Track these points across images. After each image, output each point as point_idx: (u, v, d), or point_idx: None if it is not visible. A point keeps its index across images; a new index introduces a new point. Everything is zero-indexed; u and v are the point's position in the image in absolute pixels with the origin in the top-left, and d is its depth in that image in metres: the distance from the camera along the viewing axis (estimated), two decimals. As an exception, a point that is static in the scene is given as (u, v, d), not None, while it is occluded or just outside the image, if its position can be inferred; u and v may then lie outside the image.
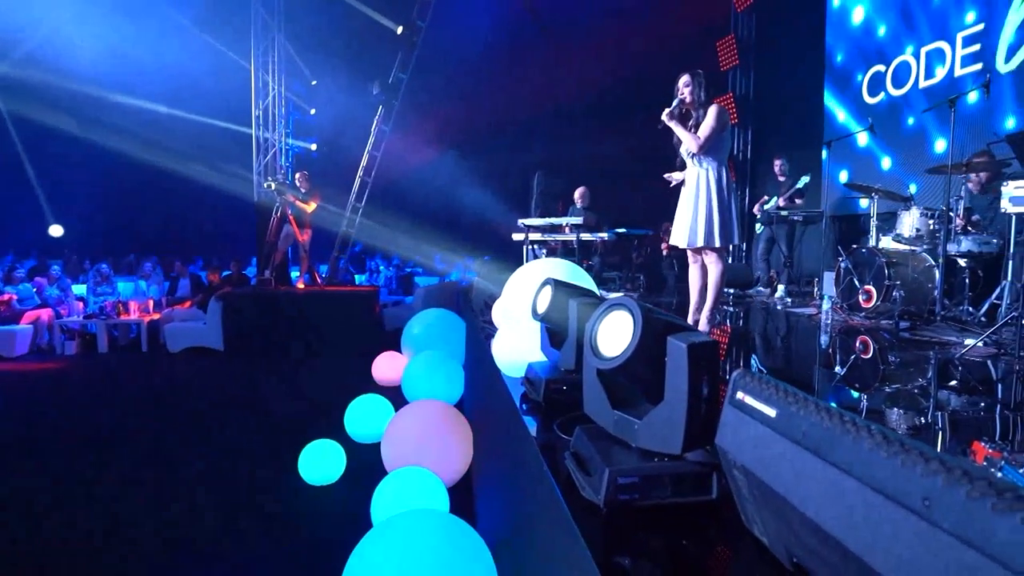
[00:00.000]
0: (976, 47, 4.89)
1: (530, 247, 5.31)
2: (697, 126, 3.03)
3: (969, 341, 2.80)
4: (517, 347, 1.92)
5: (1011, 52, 4.57)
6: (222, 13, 9.66)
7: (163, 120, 11.81)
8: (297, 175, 7.92)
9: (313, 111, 11.57)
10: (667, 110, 3.04)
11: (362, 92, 9.70)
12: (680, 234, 3.10)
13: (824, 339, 3.55)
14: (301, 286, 7.94)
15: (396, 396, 3.83)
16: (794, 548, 0.80)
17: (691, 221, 3.02)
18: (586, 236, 5.18)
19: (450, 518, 1.69)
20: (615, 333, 1.04)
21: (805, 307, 4.57)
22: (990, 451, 1.07)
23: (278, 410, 4.56)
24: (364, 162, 9.06)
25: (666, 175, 3.34)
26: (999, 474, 1.06)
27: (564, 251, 5.44)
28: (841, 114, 6.56)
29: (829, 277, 4.52)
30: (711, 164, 3.01)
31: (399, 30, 8.77)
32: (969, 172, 3.75)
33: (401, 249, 11.32)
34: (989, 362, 2.67)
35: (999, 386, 2.33)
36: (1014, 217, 2.82)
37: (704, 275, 3.10)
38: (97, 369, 6.45)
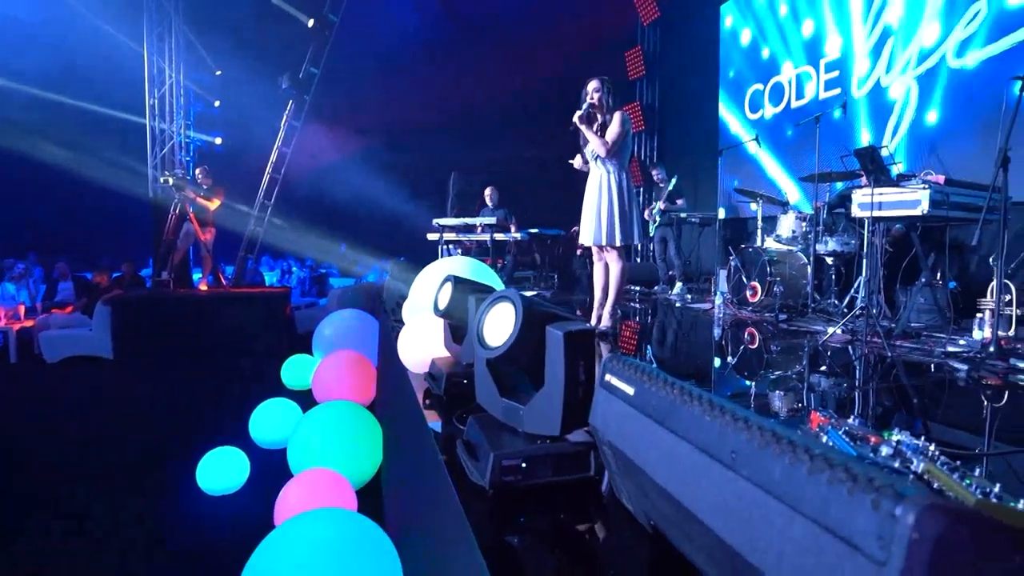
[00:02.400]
0: (836, 73, 5.56)
1: (445, 247, 5.33)
2: (603, 129, 3.19)
3: (831, 330, 3.17)
4: (422, 344, 1.95)
5: (862, 81, 5.26)
6: (110, -10, 8.85)
7: (45, 105, 10.58)
8: (197, 170, 7.43)
9: (218, 103, 10.86)
10: (578, 113, 3.18)
11: (271, 85, 9.25)
12: (586, 232, 3.26)
13: (717, 332, 3.86)
14: (204, 288, 7.45)
15: (307, 400, 3.72)
16: (651, 512, 0.89)
17: (594, 220, 3.19)
18: (499, 236, 5.28)
19: (353, 515, 1.68)
20: (500, 324, 1.10)
21: (702, 303, 4.94)
22: (822, 419, 1.24)
23: (177, 419, 4.27)
24: (273, 158, 8.65)
25: (571, 160, 3.45)
26: (824, 437, 1.24)
27: (478, 251, 5.51)
28: (734, 125, 7.14)
29: (722, 275, 4.92)
30: (613, 167, 3.19)
31: (310, 23, 8.46)
32: (829, 181, 4.23)
33: (315, 250, 10.91)
34: (849, 348, 3.03)
35: (854, 367, 2.66)
36: (866, 220, 3.23)
37: (607, 272, 3.28)
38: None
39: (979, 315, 2.78)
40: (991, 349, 2.45)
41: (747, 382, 2.40)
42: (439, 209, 7.02)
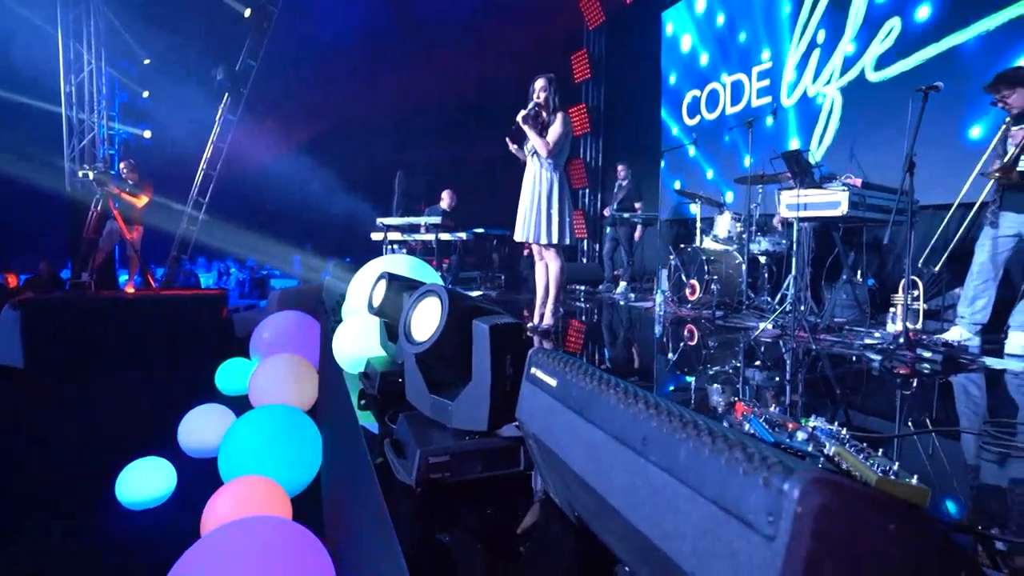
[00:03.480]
0: (767, 82, 5.85)
1: (389, 247, 5.23)
2: (546, 128, 3.22)
3: (762, 325, 3.31)
4: (358, 343, 1.89)
5: (791, 89, 5.56)
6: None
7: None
8: (122, 164, 6.96)
9: (146, 94, 10.23)
10: (523, 112, 3.19)
11: (205, 77, 8.81)
12: (519, 228, 3.28)
13: (658, 329, 3.96)
14: (131, 290, 6.99)
15: (244, 406, 3.55)
16: (574, 503, 0.89)
17: (528, 217, 3.21)
18: (444, 236, 5.23)
19: (283, 523, 1.61)
20: (427, 319, 1.08)
21: (644, 301, 5.06)
22: (746, 408, 1.28)
23: (98, 432, 3.98)
24: (208, 153, 8.24)
25: (508, 140, 3.40)
26: (747, 425, 1.28)
27: (424, 251, 5.44)
28: (675, 128, 7.37)
29: (663, 274, 5.07)
30: (548, 165, 3.22)
31: (247, 13, 8.11)
32: (762, 183, 4.44)
33: (254, 250, 10.47)
34: (780, 342, 3.18)
35: (783, 360, 2.79)
36: (795, 221, 3.40)
37: (548, 272, 3.30)
38: None
39: (892, 310, 2.98)
40: (901, 341, 2.63)
41: (687, 378, 2.47)
42: (386, 209, 6.89)
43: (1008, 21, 3.92)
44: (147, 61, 10.02)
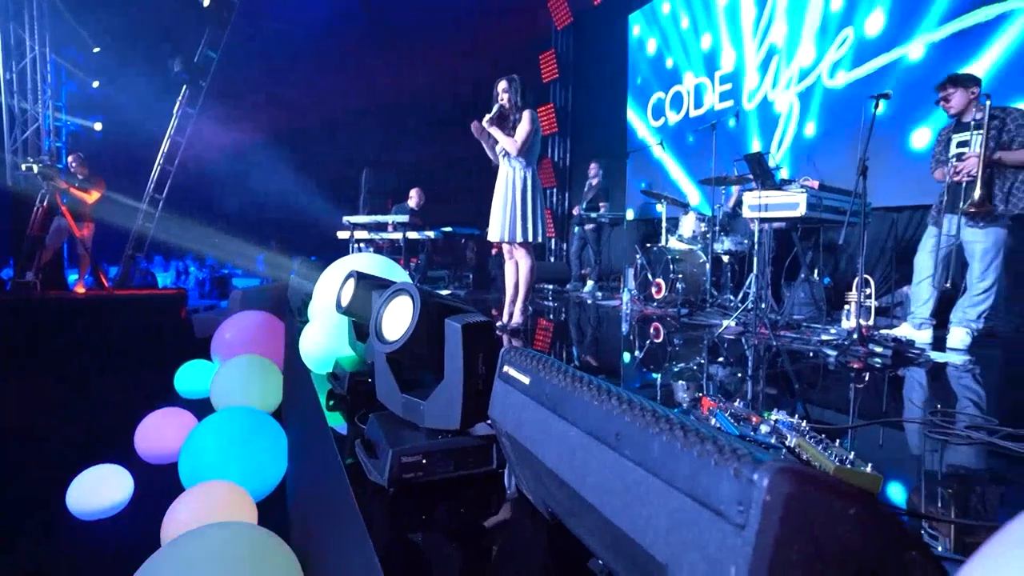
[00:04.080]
0: (729, 86, 6.01)
1: (356, 246, 5.15)
2: (514, 128, 3.22)
3: (726, 323, 3.41)
4: (325, 343, 1.86)
5: (752, 94, 5.73)
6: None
7: None
8: (70, 158, 6.64)
9: (97, 84, 9.77)
10: (487, 116, 3.19)
11: (162, 67, 8.45)
12: (494, 229, 3.28)
13: (625, 327, 4.02)
14: (81, 290, 6.69)
15: (206, 409, 3.44)
16: (547, 499, 0.91)
17: (503, 217, 3.22)
18: (412, 235, 5.19)
19: (248, 528, 1.58)
20: (398, 318, 1.07)
21: (611, 300, 5.14)
22: (712, 403, 1.32)
23: (49, 438, 3.79)
24: (165, 148, 7.94)
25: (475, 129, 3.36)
26: (713, 420, 1.32)
27: (391, 250, 5.38)
28: (641, 130, 7.49)
29: (630, 272, 5.15)
30: (521, 164, 3.23)
31: (206, 2, 7.85)
32: (725, 185, 4.58)
33: (215, 248, 10.14)
34: (742, 339, 3.28)
35: (745, 357, 2.88)
36: (756, 221, 3.51)
37: (518, 270, 3.32)
38: None
39: (846, 307, 3.11)
40: (855, 337, 2.75)
41: (653, 374, 2.52)
42: (353, 207, 6.78)
43: (951, 35, 4.14)
44: (97, 50, 9.57)
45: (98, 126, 9.64)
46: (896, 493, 1.20)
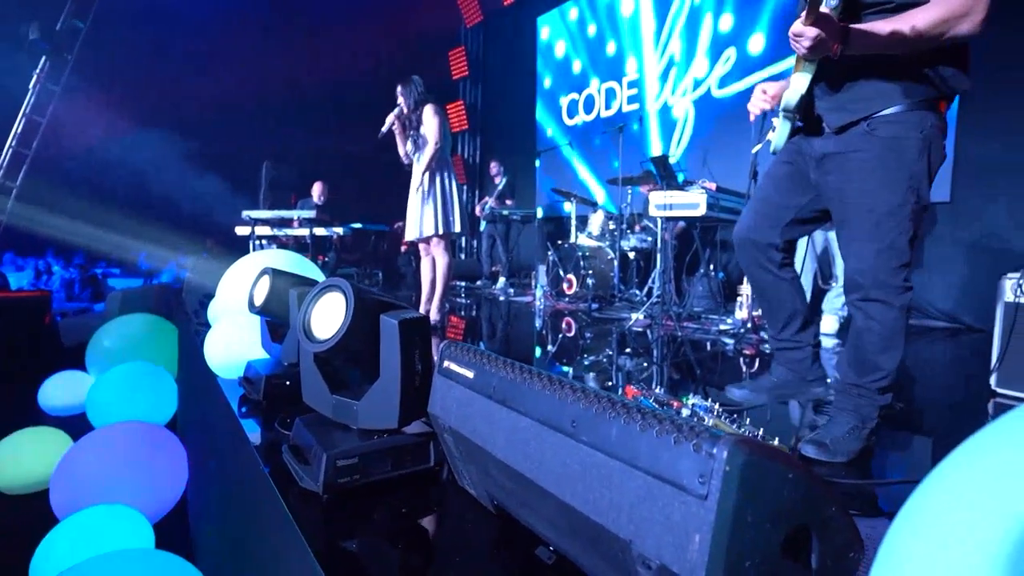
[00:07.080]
0: (635, 91, 6.35)
1: (257, 242, 4.82)
2: (418, 127, 3.20)
3: (634, 316, 3.60)
4: (234, 346, 1.73)
5: (655, 100, 6.10)
6: None
7: None
8: None
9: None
10: (386, 125, 3.18)
11: (12, 34, 7.33)
12: (410, 228, 3.23)
13: (538, 322, 4.11)
14: (-92, 295, 5.65)
15: (81, 427, 3.04)
16: (494, 491, 0.91)
17: (418, 215, 3.17)
18: (320, 231, 4.95)
19: (147, 553, 1.43)
20: (329, 315, 1.02)
21: (524, 296, 5.23)
22: (636, 391, 1.39)
23: None
24: (18, 127, 6.91)
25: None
26: (639, 406, 1.40)
27: (296, 246, 5.09)
28: (550, 129, 7.68)
29: (542, 269, 5.27)
30: (431, 158, 3.20)
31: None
32: (631, 185, 4.83)
33: (85, 244, 8.99)
34: (649, 331, 3.47)
35: (653, 347, 3.05)
36: (659, 219, 3.74)
37: (434, 267, 3.28)
38: None
39: (739, 299, 3.40)
40: (749, 326, 3.02)
41: (565, 367, 2.60)
42: (251, 200, 6.32)
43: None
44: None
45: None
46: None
